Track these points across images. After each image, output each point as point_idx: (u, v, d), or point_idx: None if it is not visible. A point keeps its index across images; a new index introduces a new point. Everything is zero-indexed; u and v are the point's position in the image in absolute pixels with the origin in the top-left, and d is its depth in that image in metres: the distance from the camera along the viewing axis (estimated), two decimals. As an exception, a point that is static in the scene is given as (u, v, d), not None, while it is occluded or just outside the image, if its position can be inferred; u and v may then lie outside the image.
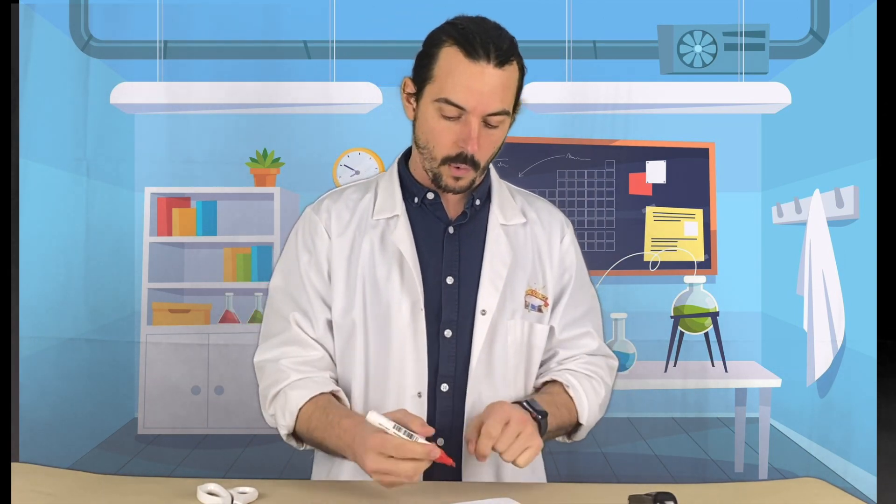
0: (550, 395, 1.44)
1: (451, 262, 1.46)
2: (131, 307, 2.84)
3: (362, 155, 2.83)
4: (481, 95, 1.34)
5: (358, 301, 1.44)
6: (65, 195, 2.80)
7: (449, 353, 1.44)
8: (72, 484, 1.35)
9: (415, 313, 1.42)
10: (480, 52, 1.33)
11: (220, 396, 2.83)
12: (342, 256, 1.46)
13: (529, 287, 1.48)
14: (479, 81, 1.33)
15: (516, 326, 1.46)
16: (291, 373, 1.42)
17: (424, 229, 1.47)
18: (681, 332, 2.87)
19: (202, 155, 2.84)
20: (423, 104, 1.40)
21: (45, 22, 2.79)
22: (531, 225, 1.52)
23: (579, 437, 1.51)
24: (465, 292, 1.45)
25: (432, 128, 1.38)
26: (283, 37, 2.82)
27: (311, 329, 1.45)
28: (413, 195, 1.48)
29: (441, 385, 1.44)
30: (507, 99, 1.37)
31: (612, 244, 2.88)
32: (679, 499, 1.17)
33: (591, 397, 1.47)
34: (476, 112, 1.35)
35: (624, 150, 2.87)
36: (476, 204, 1.48)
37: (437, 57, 1.37)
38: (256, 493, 1.26)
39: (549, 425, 1.37)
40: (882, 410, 2.72)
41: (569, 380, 1.47)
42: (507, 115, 1.38)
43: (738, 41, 2.82)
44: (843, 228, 2.76)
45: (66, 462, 2.67)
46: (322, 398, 1.40)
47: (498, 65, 1.34)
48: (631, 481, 2.58)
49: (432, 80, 1.37)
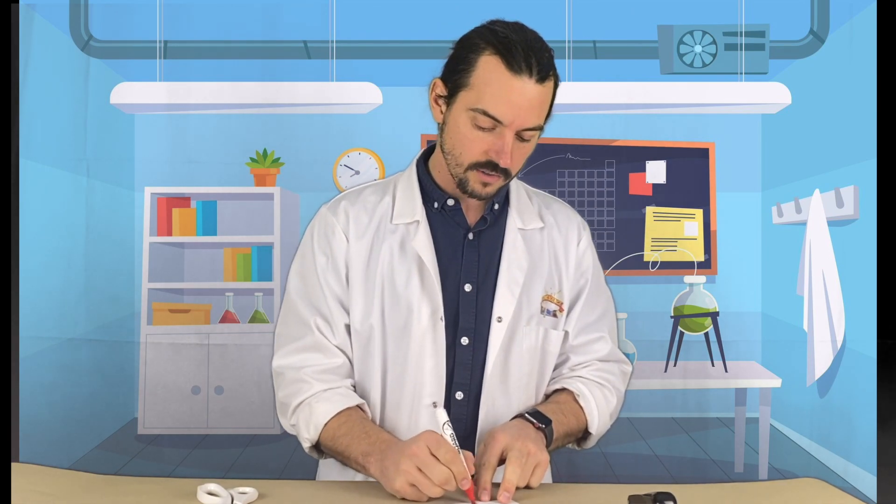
0: (557, 404, 1.43)
1: (470, 268, 1.44)
2: (131, 307, 2.84)
3: (362, 155, 2.83)
4: (520, 110, 1.31)
5: (377, 307, 1.42)
6: (65, 195, 2.80)
7: (465, 361, 1.43)
8: (72, 484, 1.35)
9: (434, 321, 1.41)
10: (523, 66, 1.29)
11: (220, 396, 2.83)
12: (360, 260, 1.44)
13: (546, 292, 1.46)
14: (519, 96, 1.30)
15: (531, 333, 1.45)
16: (315, 383, 1.40)
17: (444, 235, 1.45)
18: (681, 332, 2.87)
19: (202, 155, 2.84)
20: (456, 110, 1.36)
21: (45, 22, 2.79)
22: (548, 229, 1.50)
23: (589, 445, 1.50)
24: (483, 299, 1.43)
25: (464, 136, 1.35)
26: (283, 37, 2.82)
27: (332, 335, 1.43)
28: (433, 200, 1.46)
29: (456, 393, 1.43)
30: (542, 114, 1.35)
31: (612, 244, 2.88)
32: (679, 499, 1.17)
33: (602, 406, 1.46)
34: (513, 126, 1.32)
35: (624, 150, 2.87)
36: (495, 209, 1.46)
37: (476, 64, 1.32)
38: (256, 493, 1.26)
39: (556, 433, 1.36)
40: (882, 410, 2.72)
41: (579, 388, 1.45)
42: (539, 130, 1.36)
43: (738, 41, 2.82)
44: (843, 228, 2.76)
45: (66, 462, 2.67)
46: (355, 411, 1.39)
47: (539, 80, 1.30)
48: (631, 481, 2.58)
49: (468, 88, 1.33)
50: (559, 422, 1.37)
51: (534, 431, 1.32)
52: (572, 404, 1.44)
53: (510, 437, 1.27)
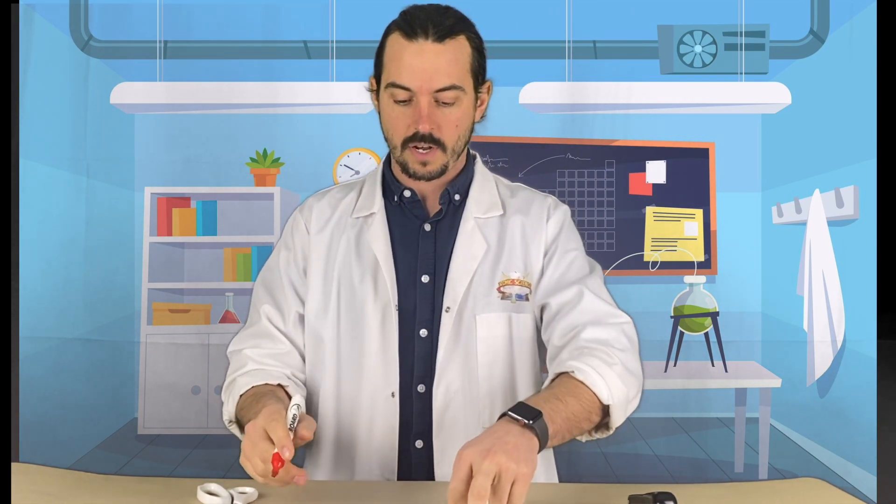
0: (550, 389, 1.25)
1: (427, 260, 1.44)
2: (131, 307, 2.84)
3: (362, 155, 2.83)
4: (424, 72, 1.34)
5: (333, 300, 1.44)
6: (65, 195, 2.80)
7: (423, 352, 1.42)
8: (72, 484, 1.35)
9: (386, 314, 1.41)
10: (418, 31, 1.34)
11: (220, 396, 2.83)
12: (319, 254, 1.47)
13: (507, 277, 1.43)
14: (419, 59, 1.34)
15: (488, 320, 1.42)
16: (249, 362, 1.43)
17: (401, 227, 1.46)
18: (681, 332, 2.87)
19: (202, 155, 2.84)
20: (381, 95, 1.41)
21: (45, 22, 2.79)
22: (511, 215, 1.48)
23: (615, 421, 1.29)
24: (439, 290, 1.43)
25: (389, 115, 1.39)
26: (283, 37, 2.82)
27: (281, 322, 1.46)
28: (392, 193, 1.48)
29: (418, 386, 1.42)
30: (454, 74, 1.36)
31: (612, 244, 2.88)
32: (679, 499, 1.17)
33: (605, 370, 1.27)
34: (423, 91, 1.35)
35: (624, 150, 2.87)
36: (455, 199, 1.47)
37: (385, 45, 1.40)
38: (256, 493, 1.26)
39: (554, 423, 1.16)
40: (882, 410, 2.72)
41: (570, 364, 1.28)
42: (460, 91, 1.36)
43: (738, 41, 2.82)
44: (843, 228, 2.76)
45: (66, 462, 2.67)
46: (265, 387, 1.39)
47: (437, 39, 1.34)
48: (631, 481, 2.57)
49: (383, 69, 1.39)
50: (554, 410, 1.18)
51: (516, 435, 1.10)
52: (569, 384, 1.26)
53: (477, 454, 1.05)
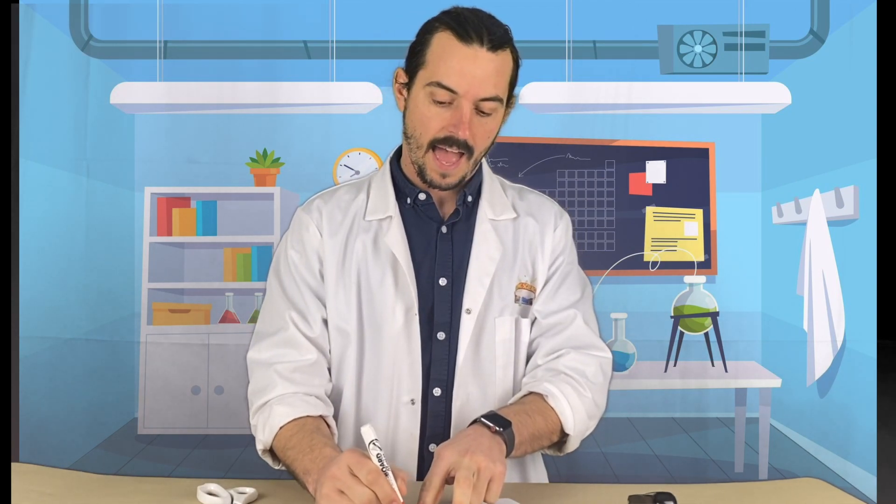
0: (521, 404, 1.34)
1: (444, 262, 1.43)
2: (131, 307, 2.84)
3: (362, 155, 2.84)
4: (474, 79, 1.31)
5: (353, 305, 1.42)
6: (65, 195, 2.80)
7: (441, 356, 1.41)
8: (72, 484, 1.35)
9: (409, 318, 1.40)
10: (473, 36, 1.31)
11: (220, 396, 2.83)
12: (334, 257, 1.43)
13: (520, 281, 1.45)
14: (471, 64, 1.31)
15: (504, 324, 1.43)
16: (281, 383, 1.36)
17: (418, 230, 1.44)
18: (681, 332, 2.86)
19: (202, 155, 2.84)
20: (415, 91, 1.36)
21: (45, 22, 2.79)
22: (522, 218, 1.49)
23: (569, 448, 1.41)
24: (457, 293, 1.42)
25: (423, 113, 1.35)
26: (283, 37, 2.83)
27: (308, 329, 1.42)
28: (406, 195, 1.46)
29: (433, 389, 1.41)
30: (500, 85, 1.35)
31: (612, 244, 2.88)
32: (679, 499, 1.17)
33: (576, 403, 1.36)
34: (468, 96, 1.32)
35: (624, 150, 2.87)
36: (468, 201, 1.46)
37: (430, 42, 1.35)
38: (256, 493, 1.26)
39: (520, 436, 1.26)
40: (882, 410, 2.72)
41: (547, 388, 1.36)
42: (499, 103, 1.36)
43: (738, 41, 2.82)
44: (843, 228, 2.76)
45: (66, 462, 2.67)
46: (310, 421, 1.32)
47: (491, 49, 1.32)
48: (631, 481, 2.58)
49: (424, 66, 1.35)
50: (522, 423, 1.28)
51: (489, 438, 1.20)
52: (540, 404, 1.35)
53: (456, 453, 1.15)
